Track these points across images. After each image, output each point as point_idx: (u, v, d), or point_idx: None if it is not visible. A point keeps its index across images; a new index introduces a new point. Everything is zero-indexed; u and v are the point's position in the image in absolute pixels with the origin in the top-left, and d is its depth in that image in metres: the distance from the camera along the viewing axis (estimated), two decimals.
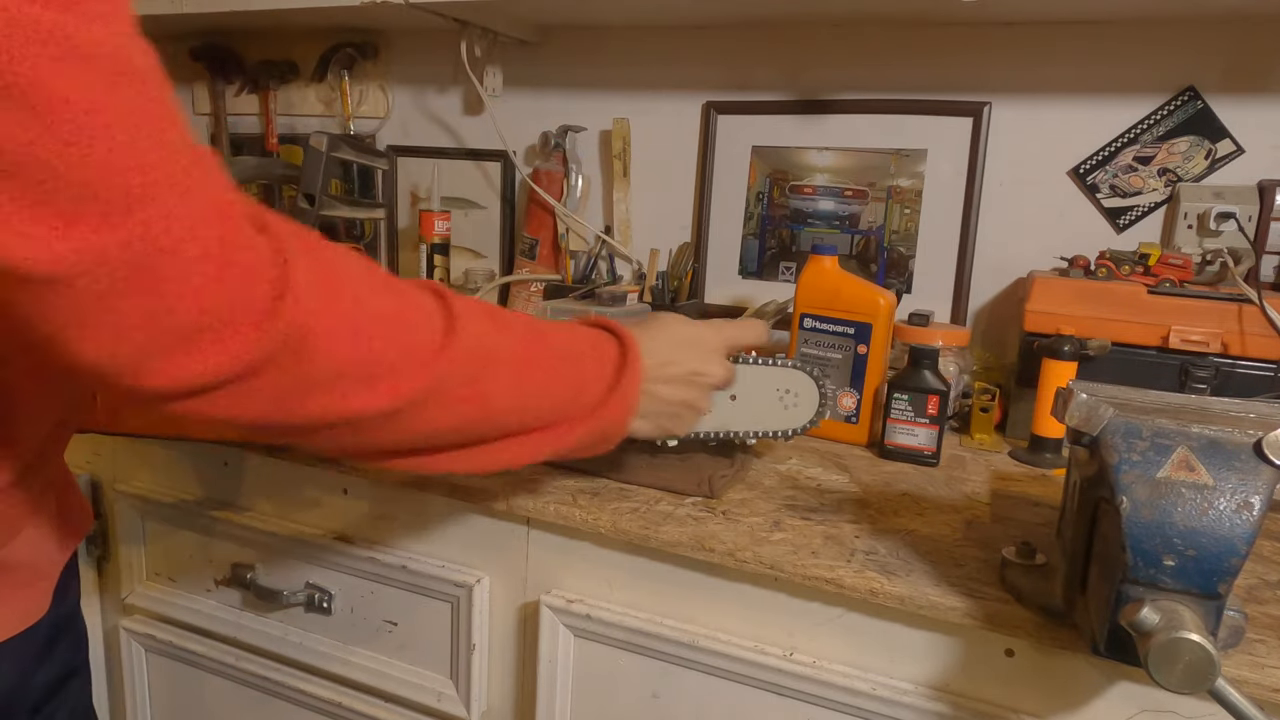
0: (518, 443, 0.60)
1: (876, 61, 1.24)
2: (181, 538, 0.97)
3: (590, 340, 0.65)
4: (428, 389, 0.51)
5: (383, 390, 0.48)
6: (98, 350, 0.39)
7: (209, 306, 0.40)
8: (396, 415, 0.50)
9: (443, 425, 0.54)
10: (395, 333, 0.49)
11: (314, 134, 0.90)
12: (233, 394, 0.43)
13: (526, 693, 0.83)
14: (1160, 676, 0.47)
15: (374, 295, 0.48)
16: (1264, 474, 0.49)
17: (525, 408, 0.58)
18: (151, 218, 0.38)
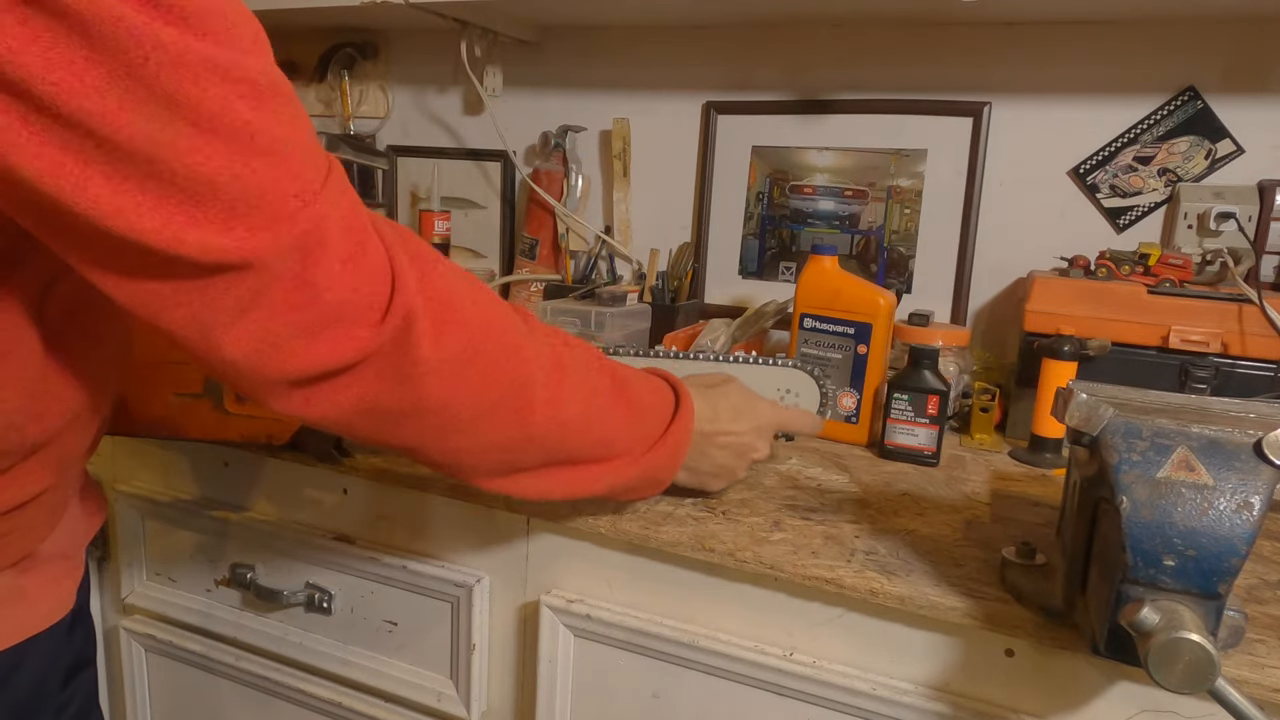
0: (578, 470, 0.62)
1: (876, 61, 1.24)
2: (181, 538, 0.97)
3: (648, 381, 0.67)
4: (514, 386, 0.54)
5: (471, 381, 0.52)
6: (250, 337, 0.45)
7: (345, 300, 0.45)
8: (486, 409, 0.53)
9: (524, 432, 0.56)
10: (487, 330, 0.52)
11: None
12: (347, 380, 0.48)
13: (526, 693, 0.83)
14: (1160, 676, 0.47)
15: (466, 293, 0.52)
16: (1264, 474, 0.49)
17: (593, 430, 0.60)
18: (310, 220, 0.44)
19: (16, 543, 0.57)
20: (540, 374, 0.56)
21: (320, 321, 0.45)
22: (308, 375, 0.47)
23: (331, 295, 0.45)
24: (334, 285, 0.45)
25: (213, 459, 0.94)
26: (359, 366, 0.47)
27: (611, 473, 0.63)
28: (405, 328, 0.47)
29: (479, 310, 0.52)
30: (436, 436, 0.54)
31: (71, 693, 0.67)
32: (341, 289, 0.45)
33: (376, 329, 0.47)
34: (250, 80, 0.42)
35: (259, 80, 0.42)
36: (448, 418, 0.52)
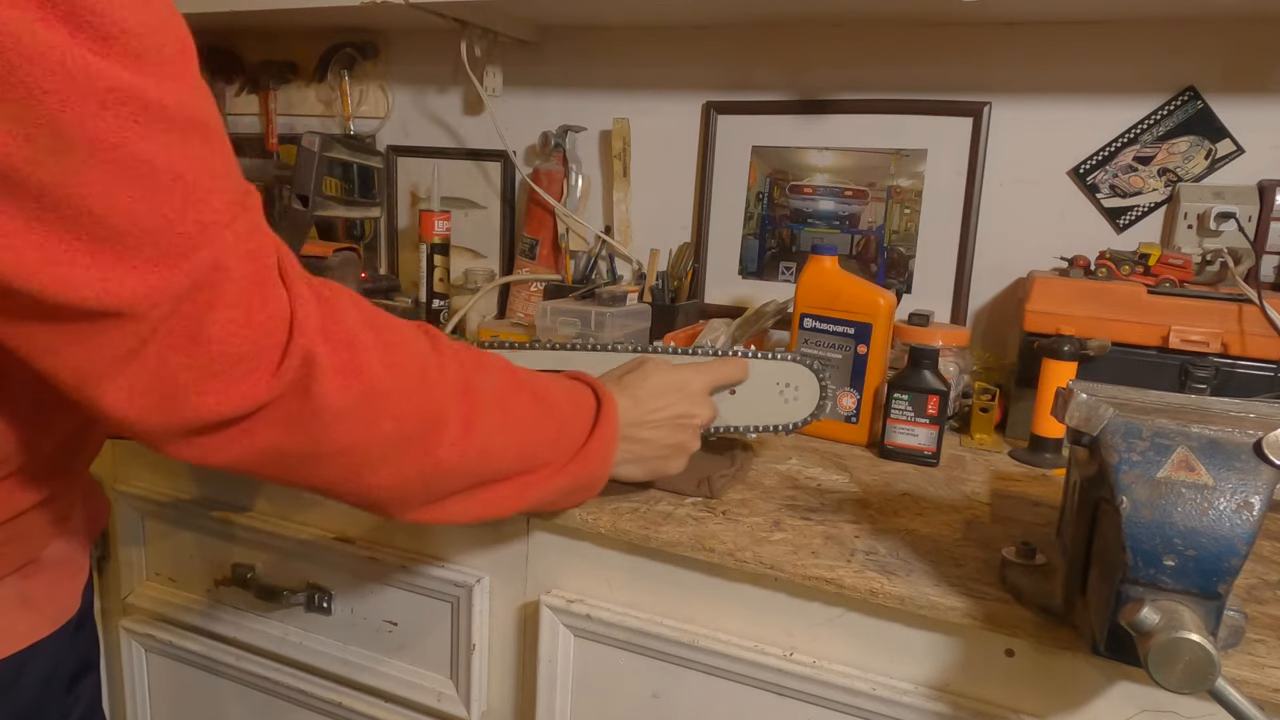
0: (502, 488, 0.60)
1: (876, 61, 1.24)
2: (181, 538, 0.97)
3: (566, 387, 0.66)
4: (424, 422, 0.52)
5: (377, 421, 0.49)
6: (132, 388, 0.42)
7: (236, 349, 0.43)
8: (396, 446, 0.51)
9: (439, 464, 0.54)
10: (391, 368, 0.50)
11: (305, 134, 0.90)
12: (245, 429, 0.45)
13: (526, 693, 0.83)
14: (1160, 676, 0.47)
15: (369, 331, 0.50)
16: (1264, 474, 0.49)
17: (511, 447, 0.59)
18: (202, 263, 0.41)
19: (21, 549, 0.57)
20: (451, 405, 0.54)
21: (209, 371, 0.42)
22: (197, 426, 0.44)
23: (221, 344, 0.42)
24: (224, 333, 0.42)
25: None
26: (256, 415, 0.45)
27: (539, 484, 0.62)
28: (303, 374, 0.45)
29: (384, 347, 0.50)
30: (347, 477, 0.52)
31: (75, 697, 0.67)
32: (233, 337, 0.42)
33: (272, 377, 0.44)
34: (154, 108, 0.38)
35: (165, 107, 0.39)
36: (356, 459, 0.50)
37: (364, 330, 0.49)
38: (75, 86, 0.35)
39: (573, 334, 1.12)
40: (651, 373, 0.73)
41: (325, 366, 0.46)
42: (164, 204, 0.39)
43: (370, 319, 0.50)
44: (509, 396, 0.59)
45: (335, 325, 0.47)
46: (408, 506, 0.56)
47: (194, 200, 0.40)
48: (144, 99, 0.38)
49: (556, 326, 1.14)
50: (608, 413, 0.66)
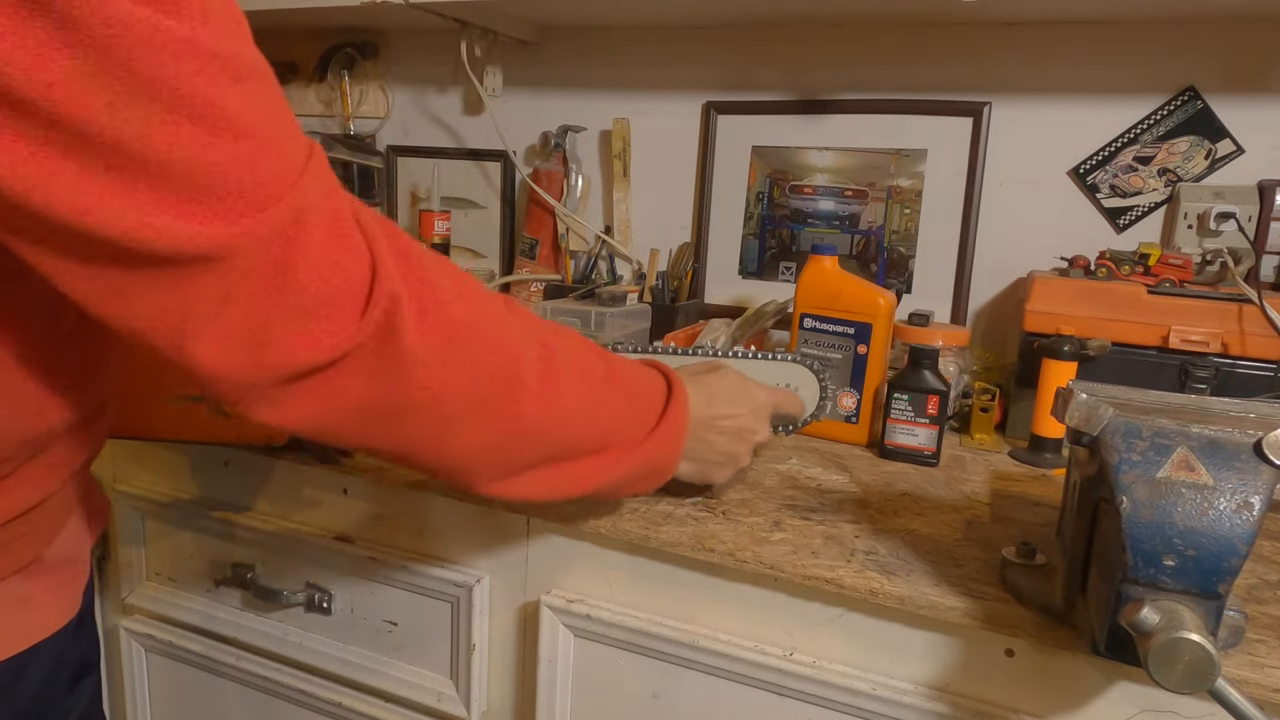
0: (579, 464, 0.59)
1: (876, 61, 1.24)
2: (181, 538, 0.97)
3: (638, 368, 0.66)
4: (505, 375, 0.52)
5: (461, 370, 0.49)
6: (226, 337, 0.42)
7: (327, 291, 0.43)
8: (479, 400, 0.51)
9: (519, 423, 0.54)
10: (472, 317, 0.50)
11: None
12: (332, 376, 0.45)
13: (526, 693, 0.83)
14: (1160, 676, 0.47)
15: (449, 279, 0.50)
16: (1264, 474, 0.49)
17: (587, 417, 0.58)
18: (289, 207, 0.42)
19: (22, 549, 0.57)
20: (530, 363, 0.54)
21: (301, 314, 0.43)
22: (290, 374, 0.44)
23: (313, 287, 0.43)
24: (315, 276, 0.43)
25: (213, 459, 0.94)
26: (344, 360, 0.45)
27: (613, 464, 0.61)
28: (389, 317, 0.45)
29: (463, 297, 0.50)
30: (430, 436, 0.51)
31: (77, 698, 0.67)
32: (323, 279, 0.43)
33: (359, 320, 0.44)
34: (227, 61, 0.39)
35: (237, 61, 0.40)
36: (439, 413, 0.50)
37: (443, 278, 0.49)
38: (140, 35, 0.36)
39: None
40: (727, 377, 0.73)
41: (409, 310, 0.46)
42: (242, 153, 0.40)
43: (447, 268, 0.51)
44: (584, 362, 0.59)
45: (415, 271, 0.47)
46: (489, 474, 0.56)
47: (270, 150, 0.41)
48: (214, 51, 0.39)
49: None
50: (679, 401, 0.65)
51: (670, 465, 0.66)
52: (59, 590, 0.61)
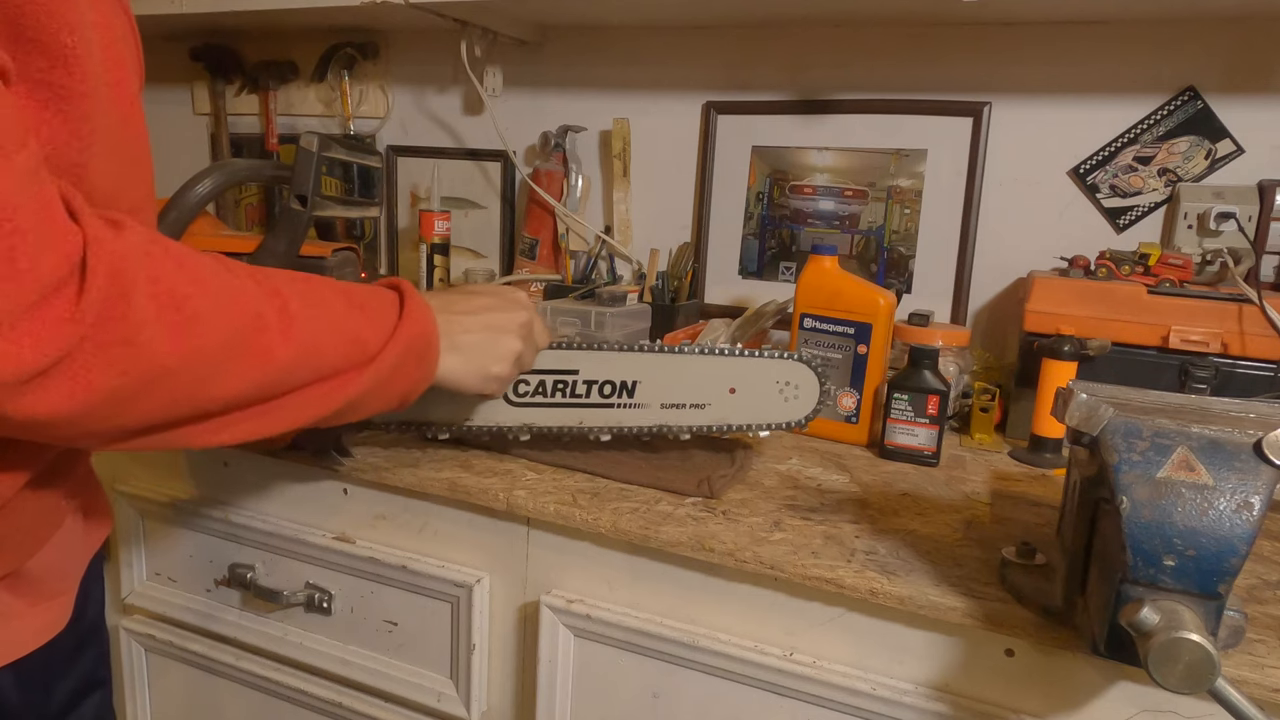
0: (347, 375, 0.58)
1: (876, 61, 1.24)
2: (181, 538, 0.97)
3: (364, 286, 0.64)
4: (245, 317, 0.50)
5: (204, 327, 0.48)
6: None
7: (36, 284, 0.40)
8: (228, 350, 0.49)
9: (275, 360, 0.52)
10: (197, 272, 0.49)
11: (304, 134, 0.90)
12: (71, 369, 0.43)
13: (526, 693, 0.83)
14: (1160, 676, 0.47)
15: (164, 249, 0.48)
16: (1264, 474, 0.49)
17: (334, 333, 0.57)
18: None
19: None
20: (264, 303, 0.52)
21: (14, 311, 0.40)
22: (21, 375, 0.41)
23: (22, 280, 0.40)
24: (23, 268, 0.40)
25: (212, 459, 0.94)
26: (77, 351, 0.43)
27: (376, 366, 0.60)
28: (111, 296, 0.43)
29: (180, 263, 0.48)
30: (194, 393, 0.49)
31: (76, 717, 0.65)
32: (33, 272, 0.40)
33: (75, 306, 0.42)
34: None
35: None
36: (194, 373, 0.48)
37: (158, 248, 0.47)
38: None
39: (573, 334, 1.12)
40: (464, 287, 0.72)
41: (131, 286, 0.44)
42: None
43: (160, 240, 0.49)
44: (314, 290, 0.58)
45: (131, 247, 0.45)
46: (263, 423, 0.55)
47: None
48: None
49: (556, 326, 1.14)
50: (409, 289, 0.65)
51: (431, 334, 0.65)
52: (42, 605, 0.59)
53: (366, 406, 0.61)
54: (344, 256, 1.09)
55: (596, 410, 0.83)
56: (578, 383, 0.82)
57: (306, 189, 0.91)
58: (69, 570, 0.63)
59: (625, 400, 0.82)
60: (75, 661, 0.65)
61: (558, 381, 0.82)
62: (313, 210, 0.92)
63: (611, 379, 0.82)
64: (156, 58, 1.65)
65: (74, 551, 0.63)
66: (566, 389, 0.82)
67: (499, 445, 0.87)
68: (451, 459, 0.85)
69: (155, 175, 0.61)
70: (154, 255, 0.47)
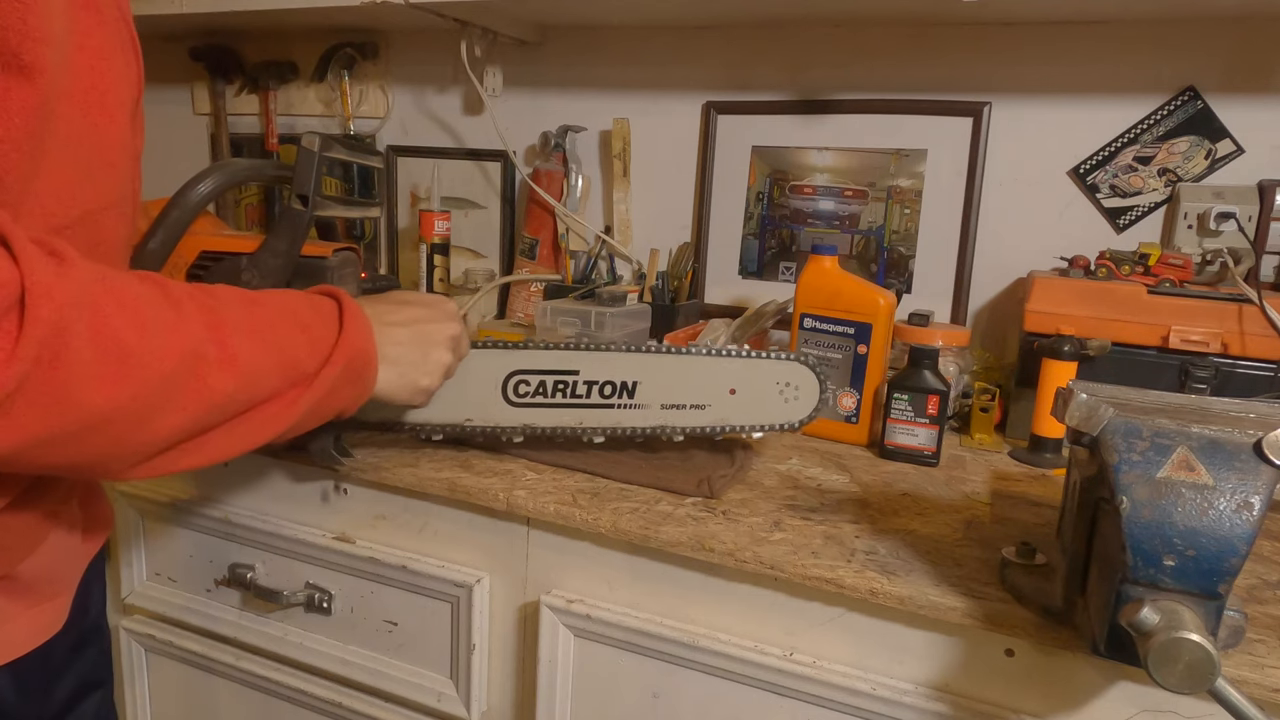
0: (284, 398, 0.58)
1: (876, 61, 1.24)
2: (181, 538, 0.97)
3: (297, 294, 0.63)
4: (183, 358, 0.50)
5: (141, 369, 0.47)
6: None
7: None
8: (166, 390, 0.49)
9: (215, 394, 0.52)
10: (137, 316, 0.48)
11: (305, 134, 0.90)
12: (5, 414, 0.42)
13: (526, 693, 0.83)
14: (1160, 676, 0.47)
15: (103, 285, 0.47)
16: (1264, 474, 0.49)
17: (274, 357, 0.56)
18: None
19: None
20: (203, 336, 0.52)
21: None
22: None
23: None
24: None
25: None
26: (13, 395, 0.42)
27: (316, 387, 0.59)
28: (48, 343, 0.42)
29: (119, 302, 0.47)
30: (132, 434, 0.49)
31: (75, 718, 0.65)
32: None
33: (12, 353, 0.41)
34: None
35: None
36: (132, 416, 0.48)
37: (100, 287, 0.46)
38: None
39: (573, 334, 1.12)
40: (393, 296, 0.72)
41: (70, 332, 0.43)
42: None
43: (104, 278, 0.48)
44: (252, 316, 0.57)
45: (74, 290, 0.44)
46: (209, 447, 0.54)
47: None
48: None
49: (556, 326, 1.14)
50: (348, 301, 0.64)
51: (369, 352, 0.64)
52: (37, 608, 0.59)
53: (304, 426, 0.61)
54: (344, 256, 1.09)
55: (597, 411, 0.83)
56: (578, 383, 0.82)
57: (308, 189, 0.91)
58: (66, 572, 0.62)
59: (625, 401, 0.82)
60: (75, 661, 0.64)
61: (558, 382, 0.82)
62: (314, 210, 0.92)
63: (612, 379, 0.82)
64: (156, 58, 1.65)
65: (71, 554, 0.62)
66: (567, 389, 0.82)
67: (499, 445, 0.87)
68: (451, 459, 0.85)
69: (155, 175, 0.60)
70: (96, 297, 0.45)
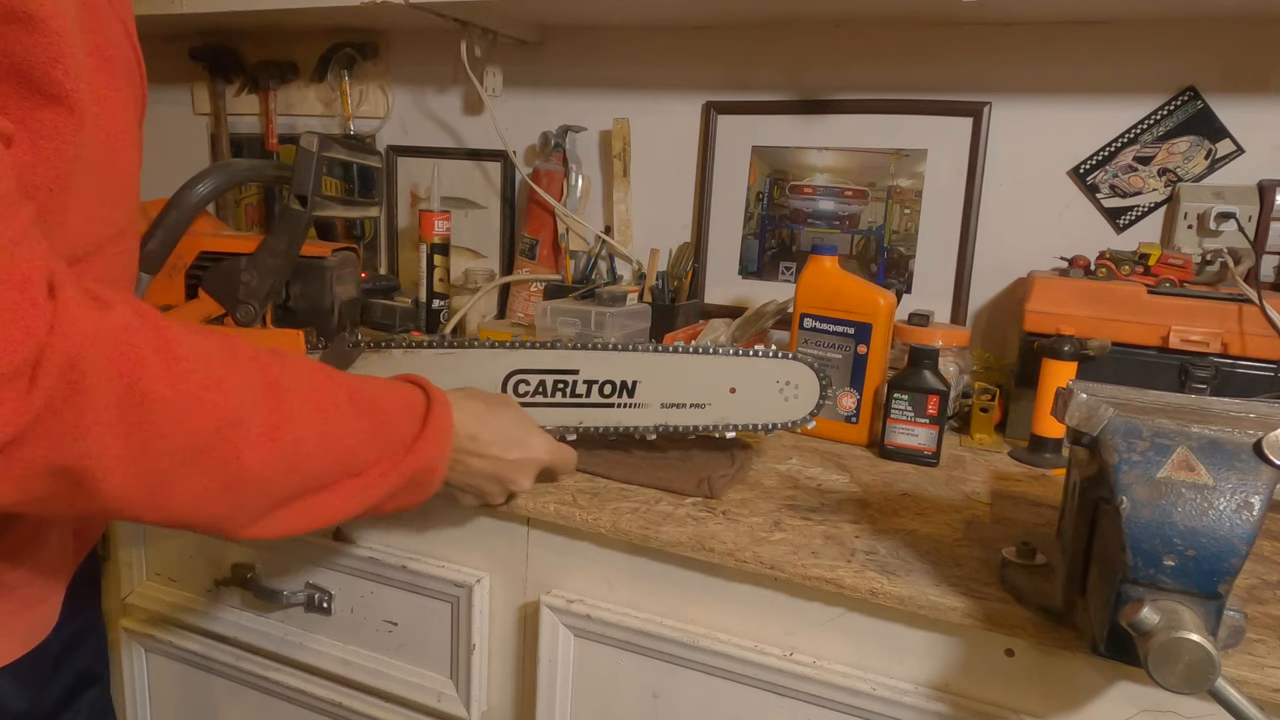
0: (331, 493, 0.57)
1: (876, 61, 1.24)
2: (181, 538, 0.97)
3: (387, 385, 0.63)
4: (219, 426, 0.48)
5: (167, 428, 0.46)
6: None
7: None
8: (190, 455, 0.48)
9: (245, 469, 0.50)
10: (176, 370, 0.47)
11: (304, 134, 0.90)
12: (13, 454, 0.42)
13: (526, 693, 0.83)
14: (1160, 676, 0.47)
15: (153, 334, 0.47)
16: (1264, 474, 0.49)
17: (328, 444, 0.55)
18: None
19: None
20: (252, 405, 0.50)
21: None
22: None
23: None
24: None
25: None
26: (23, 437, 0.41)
27: (372, 484, 0.58)
28: (66, 384, 0.42)
29: (164, 353, 0.46)
30: (145, 496, 0.47)
31: (73, 714, 0.65)
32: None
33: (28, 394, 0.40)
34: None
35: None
36: (146, 474, 0.46)
37: (141, 340, 0.45)
38: None
39: (573, 334, 1.12)
40: (508, 416, 0.70)
41: (89, 379, 0.42)
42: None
43: (155, 329, 0.47)
44: (321, 391, 0.55)
45: (107, 333, 0.44)
46: (234, 523, 0.53)
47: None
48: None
49: (556, 326, 1.14)
50: (440, 410, 0.62)
51: (437, 474, 0.63)
52: (25, 614, 0.58)
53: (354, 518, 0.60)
54: (344, 256, 1.09)
55: (596, 410, 0.83)
56: (578, 382, 0.82)
57: (307, 189, 0.91)
58: (58, 574, 0.62)
59: (625, 400, 0.82)
60: (70, 657, 0.64)
61: (558, 381, 0.82)
62: (313, 210, 0.92)
63: (612, 379, 0.82)
64: (156, 58, 1.65)
65: (64, 556, 0.62)
66: (567, 389, 0.82)
67: None
68: None
69: (154, 175, 0.61)
70: (132, 342, 0.44)
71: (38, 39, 0.44)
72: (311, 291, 1.03)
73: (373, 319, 1.23)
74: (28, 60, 0.44)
